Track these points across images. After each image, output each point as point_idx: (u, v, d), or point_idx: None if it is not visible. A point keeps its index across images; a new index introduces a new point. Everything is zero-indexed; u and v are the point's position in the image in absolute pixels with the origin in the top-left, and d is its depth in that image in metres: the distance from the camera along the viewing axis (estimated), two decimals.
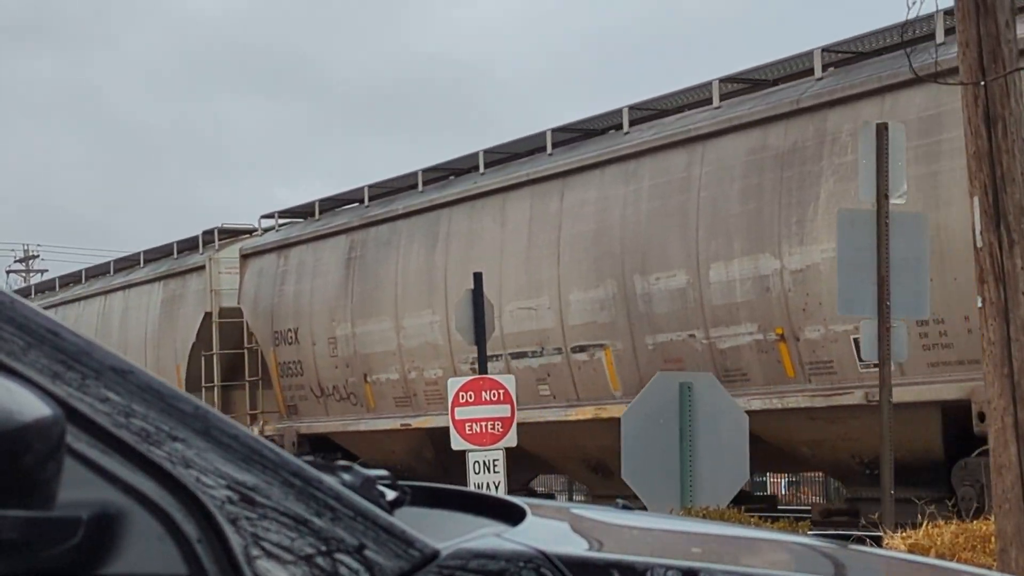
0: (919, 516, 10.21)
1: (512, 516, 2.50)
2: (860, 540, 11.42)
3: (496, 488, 13.30)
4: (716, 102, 17.56)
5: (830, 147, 15.49)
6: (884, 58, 15.80)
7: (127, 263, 31.75)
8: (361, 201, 24.12)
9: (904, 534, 10.00)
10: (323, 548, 2.04)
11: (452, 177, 22.43)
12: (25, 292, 36.48)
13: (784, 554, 2.84)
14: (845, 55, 16.77)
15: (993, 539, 8.04)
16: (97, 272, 33.21)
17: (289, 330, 24.91)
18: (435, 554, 2.09)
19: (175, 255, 29.37)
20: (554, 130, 20.24)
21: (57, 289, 34.65)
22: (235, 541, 2.00)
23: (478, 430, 13.48)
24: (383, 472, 2.46)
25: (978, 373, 13.58)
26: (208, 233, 28.35)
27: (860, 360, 14.52)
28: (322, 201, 25.26)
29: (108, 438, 2.01)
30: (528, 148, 20.97)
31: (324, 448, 24.11)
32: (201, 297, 27.57)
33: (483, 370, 14.35)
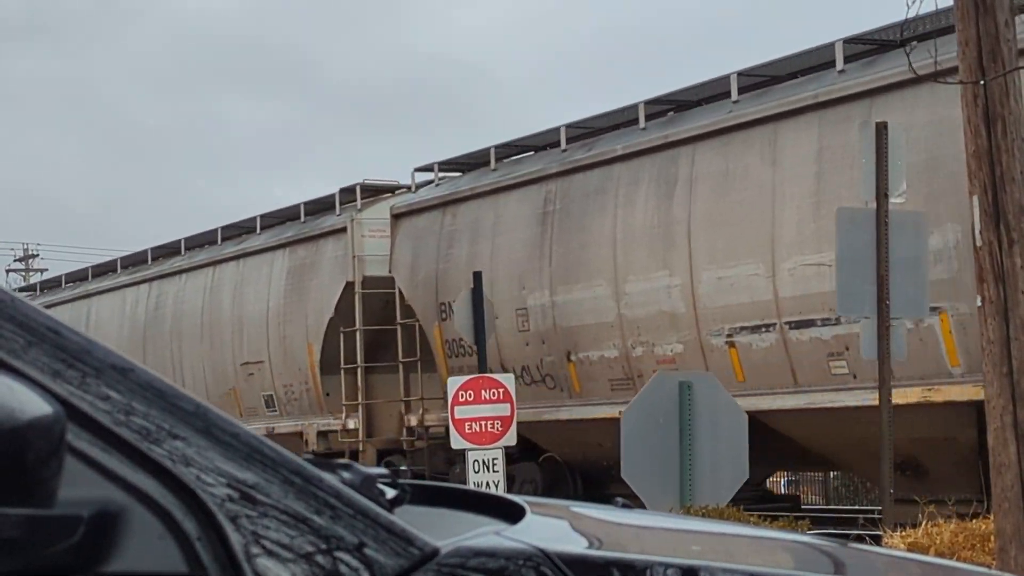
0: (919, 515, 10.22)
1: (512, 514, 2.50)
2: (860, 539, 11.42)
3: (496, 487, 13.31)
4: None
5: None
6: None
7: (237, 230, 27.08)
8: (554, 145, 19.86)
9: (903, 533, 10.01)
10: (323, 546, 2.04)
11: (684, 112, 18.22)
12: (108, 267, 31.41)
13: (784, 552, 2.85)
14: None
15: (992, 538, 8.04)
16: (200, 241, 28.36)
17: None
18: (435, 552, 2.09)
19: (302, 218, 24.91)
20: (846, 40, 16.00)
21: (149, 262, 29.81)
22: (235, 539, 2.01)
23: (478, 429, 13.49)
24: (383, 470, 2.47)
25: None
26: (347, 191, 23.98)
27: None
28: (498, 148, 20.92)
29: (109, 436, 2.02)
30: (799, 68, 16.92)
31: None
32: (339, 265, 23.33)
33: (483, 369, 14.35)
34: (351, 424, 23.20)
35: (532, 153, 20.57)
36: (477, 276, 15.04)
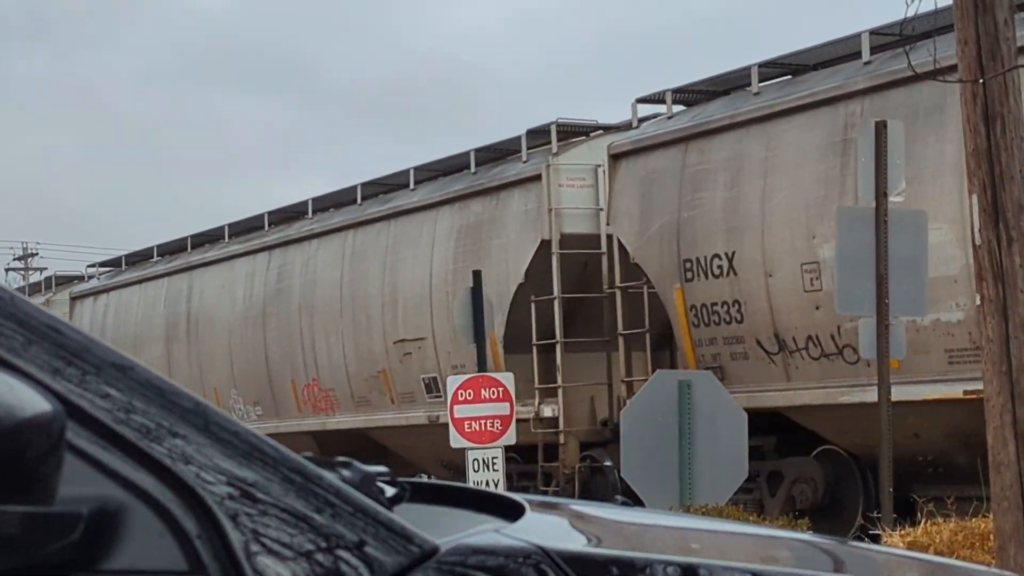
0: (918, 514, 10.22)
1: (511, 512, 2.51)
2: (858, 538, 11.40)
3: (496, 486, 13.31)
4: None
5: None
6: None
7: (382, 187, 22.88)
8: (855, 56, 15.81)
9: (903, 531, 10.02)
10: (323, 544, 2.04)
11: None
12: (214, 235, 27.24)
13: (784, 550, 2.85)
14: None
15: (992, 537, 8.04)
16: (333, 202, 24.07)
17: (716, 256, 16.36)
18: (434, 550, 2.10)
19: (472, 168, 20.63)
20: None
21: (266, 228, 25.44)
22: (235, 537, 2.01)
23: (477, 428, 13.50)
24: (382, 468, 2.47)
25: None
26: (538, 133, 19.80)
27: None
28: (763, 66, 16.81)
29: (108, 434, 2.02)
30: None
31: (780, 429, 16.08)
32: (530, 221, 19.20)
33: (482, 368, 14.35)
34: (547, 412, 19.00)
35: (814, 71, 16.48)
36: (477, 275, 15.03)
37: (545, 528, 2.44)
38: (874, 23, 15.66)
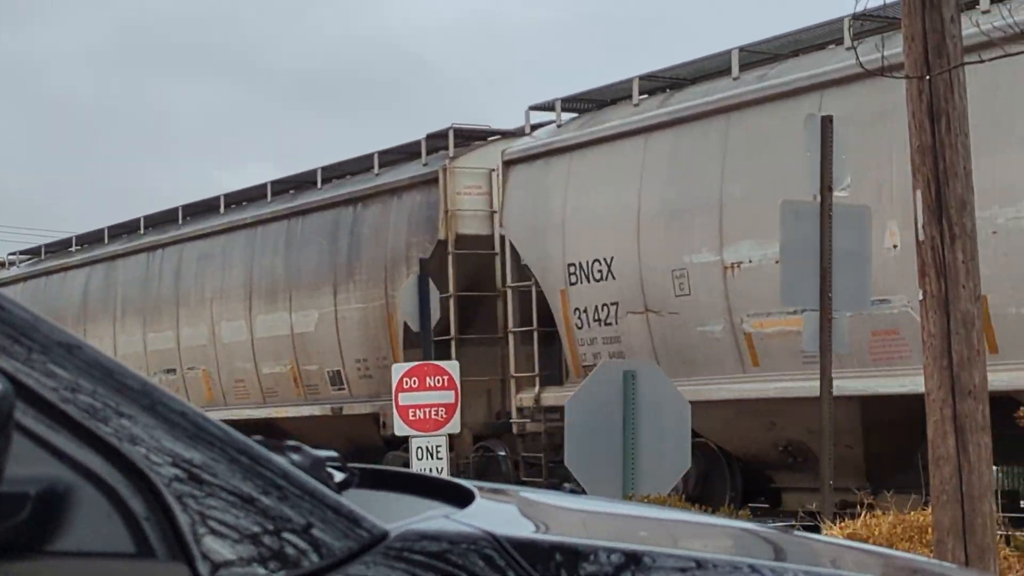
0: (858, 507, 10.30)
1: (461, 499, 2.51)
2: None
3: (439, 474, 13.29)
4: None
5: None
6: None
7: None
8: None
9: (842, 524, 10.09)
10: (270, 527, 2.03)
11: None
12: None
13: (727, 538, 2.86)
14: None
15: (930, 530, 8.11)
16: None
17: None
18: (384, 535, 2.09)
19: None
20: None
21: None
22: (182, 519, 2.00)
23: (422, 416, 13.48)
24: (332, 453, 2.46)
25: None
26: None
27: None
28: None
29: (55, 414, 2.00)
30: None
31: None
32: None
33: (427, 356, 14.33)
34: None
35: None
36: (423, 263, 15.01)
37: (495, 514, 2.44)
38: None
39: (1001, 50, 7.73)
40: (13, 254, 28.36)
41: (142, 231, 27.50)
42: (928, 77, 7.20)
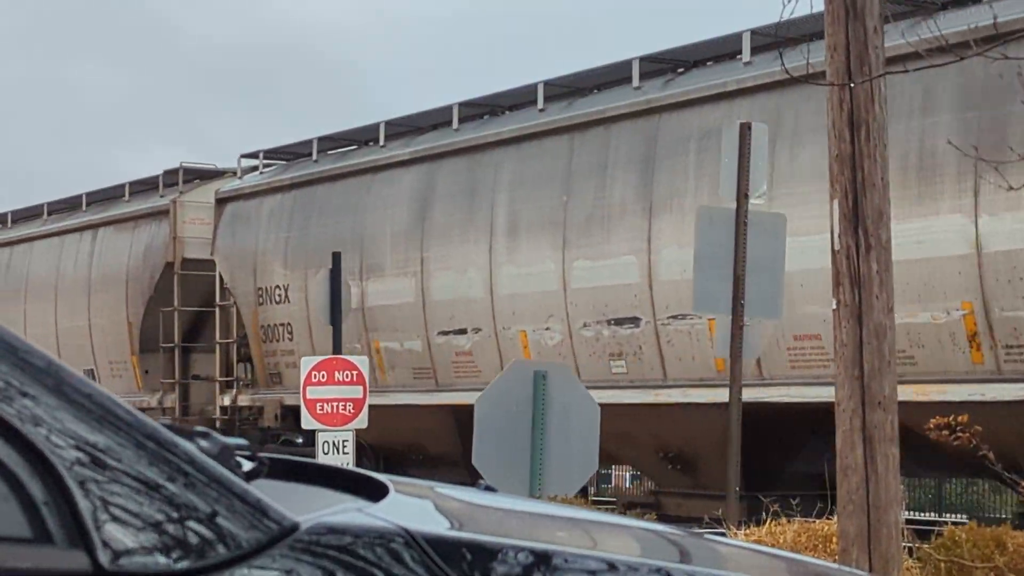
0: (763, 513, 10.34)
1: (374, 492, 2.45)
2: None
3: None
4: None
5: None
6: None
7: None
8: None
9: (747, 531, 10.12)
10: (174, 515, 1.97)
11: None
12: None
13: (640, 540, 2.84)
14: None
15: (835, 539, 8.15)
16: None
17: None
18: (294, 527, 2.03)
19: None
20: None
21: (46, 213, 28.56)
22: (83, 505, 1.92)
23: (329, 410, 13.38)
24: (242, 441, 2.39)
25: None
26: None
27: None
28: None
29: None
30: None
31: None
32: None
33: (337, 350, 14.24)
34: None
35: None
36: (336, 257, 14.92)
37: (409, 509, 2.39)
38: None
39: (926, 61, 7.78)
40: (250, 155, 24.52)
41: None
42: (850, 85, 7.23)
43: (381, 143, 20.57)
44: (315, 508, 2.14)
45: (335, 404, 13.41)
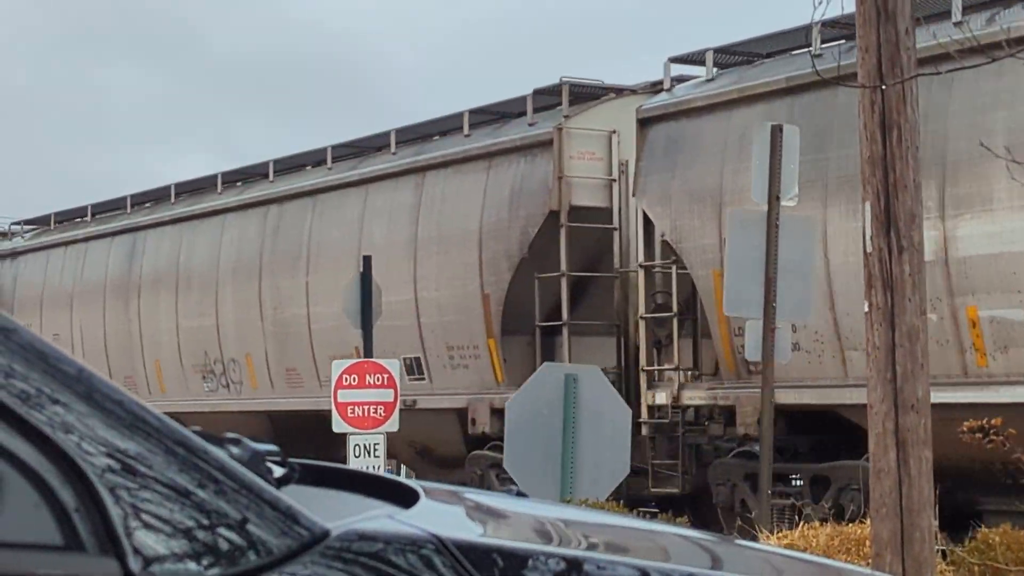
0: (796, 516, 10.31)
1: (405, 498, 2.44)
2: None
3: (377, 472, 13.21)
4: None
5: None
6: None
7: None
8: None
9: (780, 535, 10.09)
10: (204, 522, 1.96)
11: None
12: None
13: (671, 546, 2.83)
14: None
15: (868, 543, 8.11)
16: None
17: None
18: (325, 534, 2.02)
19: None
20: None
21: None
22: (114, 511, 1.92)
23: (360, 414, 13.41)
24: (272, 447, 2.39)
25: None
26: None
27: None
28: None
29: None
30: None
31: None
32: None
33: (368, 354, 14.26)
34: None
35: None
36: (367, 260, 14.93)
37: (439, 516, 2.39)
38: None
39: (958, 62, 7.75)
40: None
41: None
42: (882, 87, 7.20)
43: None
44: (346, 514, 2.13)
45: (366, 408, 13.43)
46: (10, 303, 26.94)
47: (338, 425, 13.56)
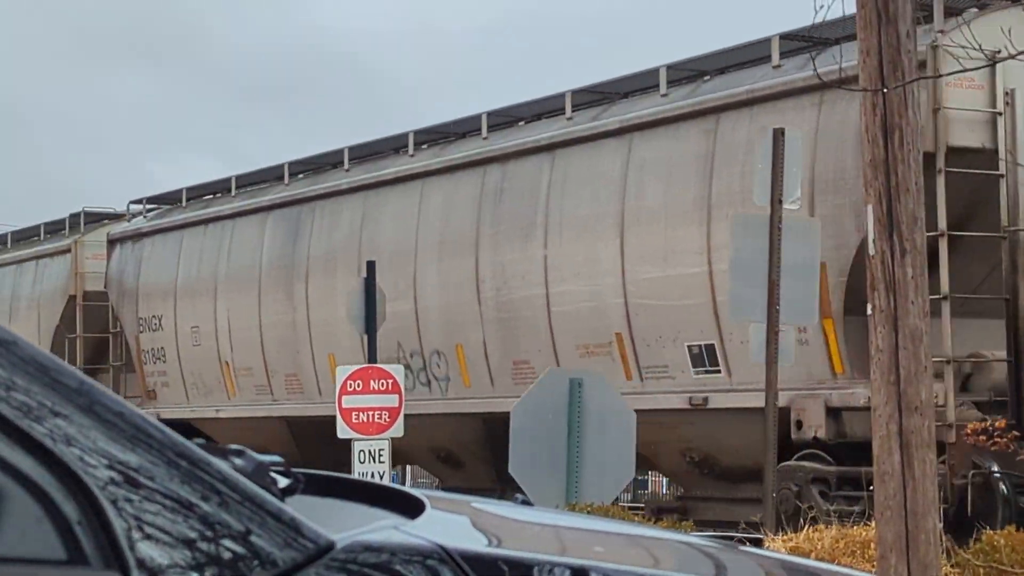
0: (800, 519, 10.30)
1: (411, 508, 2.43)
2: (740, 542, 11.44)
3: (380, 478, 13.21)
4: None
5: None
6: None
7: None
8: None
9: (785, 537, 10.08)
10: (208, 534, 1.96)
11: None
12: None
13: (673, 553, 2.82)
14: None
15: (873, 545, 8.10)
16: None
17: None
18: (330, 545, 2.02)
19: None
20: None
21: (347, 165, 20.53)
22: (117, 524, 1.92)
23: (365, 419, 13.40)
24: (276, 458, 2.38)
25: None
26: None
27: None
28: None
29: None
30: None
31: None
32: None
33: (372, 359, 14.25)
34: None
35: (213, 196, 24.96)
36: (371, 265, 14.92)
37: (445, 526, 2.38)
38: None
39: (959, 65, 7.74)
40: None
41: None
42: (883, 90, 7.20)
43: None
44: (351, 525, 2.12)
45: (370, 413, 13.42)
46: (133, 292, 25.38)
47: (343, 431, 13.56)
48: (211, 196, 24.80)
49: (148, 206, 26.03)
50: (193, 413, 23.54)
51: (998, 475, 12.91)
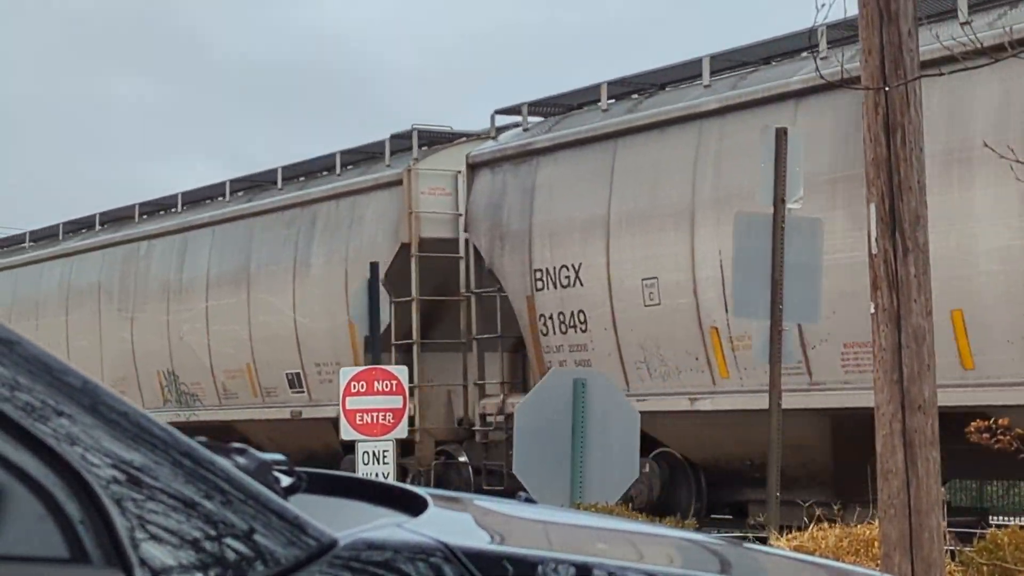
0: (804, 519, 10.30)
1: (413, 506, 2.44)
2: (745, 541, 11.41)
3: (386, 479, 13.23)
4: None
5: None
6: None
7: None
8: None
9: (789, 536, 10.08)
10: (211, 532, 1.96)
11: None
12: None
13: (677, 550, 2.82)
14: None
15: (877, 543, 8.11)
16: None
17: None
18: (333, 543, 2.02)
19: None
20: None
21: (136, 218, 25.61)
22: (120, 523, 1.92)
23: (369, 420, 13.41)
24: (279, 456, 2.38)
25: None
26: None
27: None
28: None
29: None
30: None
31: None
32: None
33: (376, 360, 14.27)
34: None
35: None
36: (374, 267, 14.94)
37: (448, 523, 2.38)
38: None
39: (961, 64, 7.74)
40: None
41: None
42: (885, 89, 7.20)
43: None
44: (354, 523, 2.13)
45: (375, 414, 13.43)
46: (522, 235, 17.58)
47: (347, 432, 13.56)
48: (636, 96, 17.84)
49: (529, 118, 18.72)
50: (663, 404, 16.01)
51: None
